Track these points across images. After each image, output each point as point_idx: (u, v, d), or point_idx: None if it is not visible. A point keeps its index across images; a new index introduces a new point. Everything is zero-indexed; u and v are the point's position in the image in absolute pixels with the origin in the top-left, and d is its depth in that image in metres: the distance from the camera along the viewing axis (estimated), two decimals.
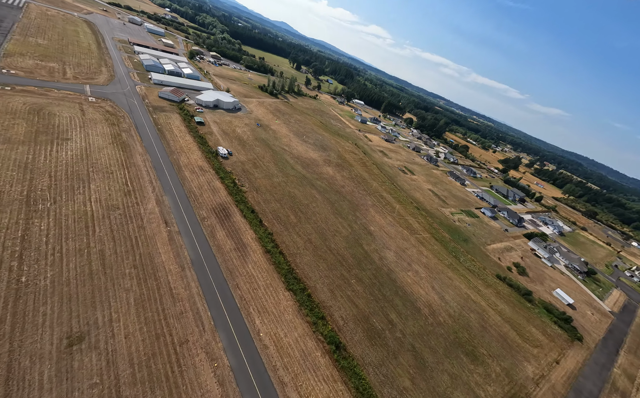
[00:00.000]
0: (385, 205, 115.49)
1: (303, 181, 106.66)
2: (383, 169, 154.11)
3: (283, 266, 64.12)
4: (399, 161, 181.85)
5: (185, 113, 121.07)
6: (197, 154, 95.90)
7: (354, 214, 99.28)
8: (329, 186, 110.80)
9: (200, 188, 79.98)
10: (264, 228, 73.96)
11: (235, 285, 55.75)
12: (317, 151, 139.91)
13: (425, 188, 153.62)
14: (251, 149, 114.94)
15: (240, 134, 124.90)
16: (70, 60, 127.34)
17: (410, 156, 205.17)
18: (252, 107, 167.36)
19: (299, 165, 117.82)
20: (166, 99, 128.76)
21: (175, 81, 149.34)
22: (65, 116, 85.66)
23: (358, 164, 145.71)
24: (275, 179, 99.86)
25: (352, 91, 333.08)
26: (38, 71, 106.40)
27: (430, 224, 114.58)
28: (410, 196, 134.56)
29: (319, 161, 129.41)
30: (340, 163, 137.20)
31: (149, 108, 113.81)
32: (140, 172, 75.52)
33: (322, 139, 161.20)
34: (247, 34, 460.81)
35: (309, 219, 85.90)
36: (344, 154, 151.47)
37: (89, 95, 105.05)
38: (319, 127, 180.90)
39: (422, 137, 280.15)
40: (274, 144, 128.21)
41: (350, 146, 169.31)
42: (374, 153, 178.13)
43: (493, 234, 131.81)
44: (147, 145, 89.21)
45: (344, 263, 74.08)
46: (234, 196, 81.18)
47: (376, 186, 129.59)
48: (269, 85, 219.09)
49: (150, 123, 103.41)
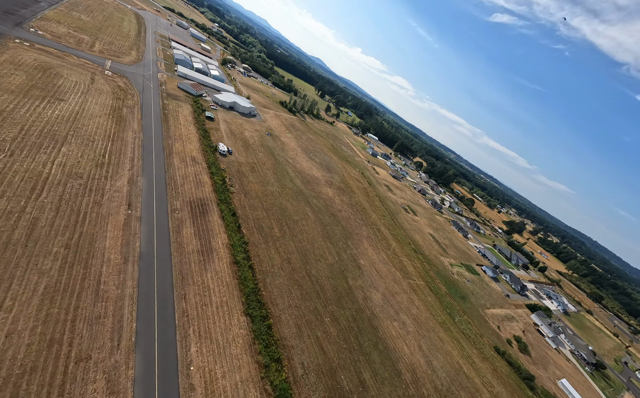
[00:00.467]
0: (381, 240, 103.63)
1: (299, 196, 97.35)
2: (385, 204, 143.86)
3: (248, 284, 52.59)
4: (403, 199, 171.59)
5: (198, 106, 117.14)
6: (195, 145, 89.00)
7: (346, 242, 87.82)
8: (325, 207, 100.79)
9: (184, 177, 71.48)
10: (241, 235, 63.47)
11: (182, 296, 44.36)
12: (321, 171, 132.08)
13: (426, 232, 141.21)
14: (254, 153, 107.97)
15: (248, 137, 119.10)
16: (104, 38, 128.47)
17: (415, 197, 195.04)
18: (268, 117, 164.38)
19: (299, 180, 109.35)
20: (184, 91, 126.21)
21: (198, 77, 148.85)
22: (71, 80, 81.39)
23: (360, 193, 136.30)
24: (270, 188, 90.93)
25: (368, 126, 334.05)
26: (66, 38, 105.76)
27: (427, 272, 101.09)
28: (409, 237, 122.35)
29: (320, 181, 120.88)
30: (342, 188, 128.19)
31: (162, 93, 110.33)
32: (125, 148, 68.07)
33: (329, 160, 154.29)
34: (282, 58, 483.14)
35: (294, 237, 75.05)
36: (348, 179, 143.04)
37: (107, 69, 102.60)
38: (328, 150, 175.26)
39: (430, 182, 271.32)
40: (279, 154, 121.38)
41: (356, 174, 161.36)
42: (379, 185, 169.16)
43: (493, 297, 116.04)
44: (145, 125, 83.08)
45: (321, 295, 61.68)
46: (219, 195, 72.02)
47: (375, 218, 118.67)
48: (290, 102, 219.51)
49: (158, 106, 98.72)
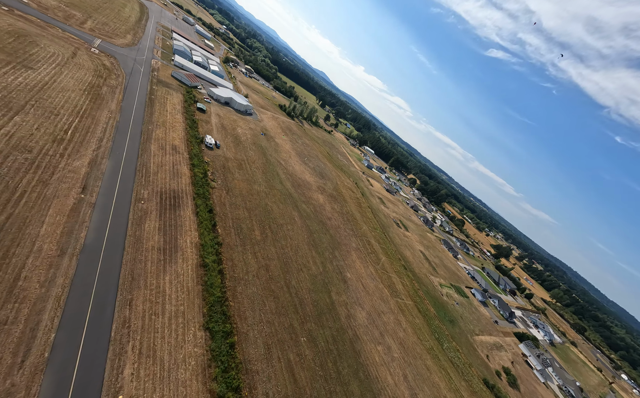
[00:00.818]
0: (371, 253, 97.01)
1: (287, 199, 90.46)
2: (377, 216, 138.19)
3: (215, 291, 44.71)
4: (395, 213, 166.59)
5: (190, 96, 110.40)
6: (179, 133, 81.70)
7: (333, 252, 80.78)
8: (314, 214, 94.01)
9: (159, 166, 63.81)
10: (215, 234, 55.78)
11: (128, 301, 36.24)
12: (314, 176, 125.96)
13: (417, 249, 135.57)
14: (244, 150, 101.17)
15: (240, 134, 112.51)
16: (98, 18, 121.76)
17: (408, 212, 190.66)
18: (265, 117, 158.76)
19: (289, 183, 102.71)
20: (177, 80, 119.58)
21: (195, 69, 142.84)
22: (48, 50, 73.78)
23: (353, 203, 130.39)
24: (256, 187, 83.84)
25: (366, 138, 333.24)
26: (54, 11, 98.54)
27: (416, 291, 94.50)
28: (400, 252, 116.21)
29: (312, 186, 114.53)
30: (334, 195, 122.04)
31: (153, 79, 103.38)
32: (95, 127, 60.32)
33: (323, 167, 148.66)
34: (286, 66, 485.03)
35: (276, 241, 67.64)
36: (341, 188, 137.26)
37: (95, 46, 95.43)
38: (323, 157, 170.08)
39: (422, 200, 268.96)
40: (271, 154, 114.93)
41: (350, 183, 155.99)
42: (372, 197, 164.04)
43: (482, 323, 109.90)
44: (126, 107, 75.60)
45: (299, 310, 54.05)
46: (197, 188, 64.45)
47: (366, 229, 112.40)
48: (289, 106, 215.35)
49: (145, 90, 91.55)
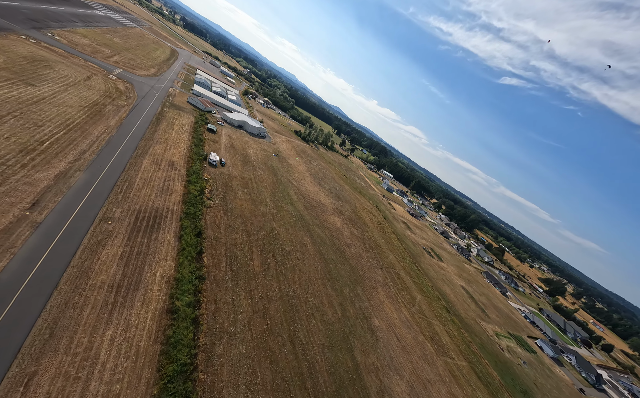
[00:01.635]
0: (402, 290, 77.01)
1: (298, 221, 76.75)
2: (404, 243, 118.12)
3: (179, 355, 29.77)
4: (425, 240, 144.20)
5: (202, 118, 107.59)
6: (180, 150, 74.51)
7: (354, 288, 63.07)
8: (330, 239, 78.45)
9: (147, 181, 54.48)
10: (198, 265, 42.42)
11: (24, 380, 22.53)
12: (329, 198, 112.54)
13: (457, 284, 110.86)
14: (252, 169, 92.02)
15: (250, 154, 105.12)
16: (127, 55, 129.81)
17: (438, 239, 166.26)
18: (278, 140, 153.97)
19: (302, 204, 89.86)
20: (192, 105, 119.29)
21: (212, 97, 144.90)
22: (62, 73, 73.38)
23: (375, 227, 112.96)
24: (262, 207, 71.69)
25: (384, 162, 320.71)
26: (83, 47, 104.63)
27: (467, 345, 70.82)
28: (438, 289, 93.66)
29: (328, 208, 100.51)
30: (353, 219, 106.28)
31: (166, 102, 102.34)
32: (82, 140, 53.71)
33: (340, 189, 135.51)
34: (302, 99, 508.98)
35: (281, 274, 52.50)
36: (360, 211, 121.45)
37: (114, 74, 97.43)
38: (340, 179, 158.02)
39: (451, 225, 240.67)
40: (282, 174, 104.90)
41: (370, 206, 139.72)
42: (396, 222, 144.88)
43: (565, 393, 79.69)
44: (127, 123, 70.76)
45: (308, 383, 36.53)
46: (187, 207, 53.40)
47: (393, 259, 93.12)
48: (304, 131, 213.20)
49: (155, 111, 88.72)
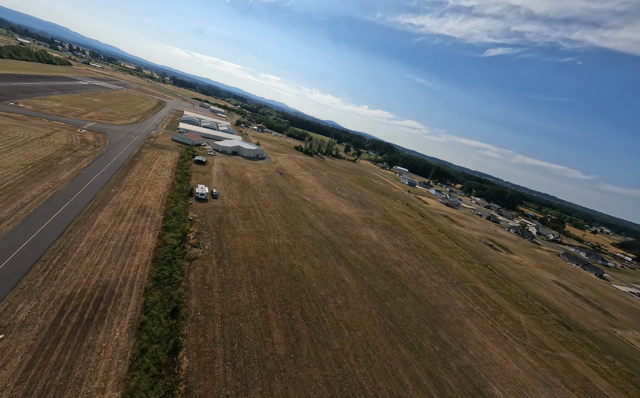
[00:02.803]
0: (496, 314, 53.22)
1: (325, 246, 56.74)
2: (459, 241, 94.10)
3: None
4: (478, 232, 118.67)
5: (188, 152, 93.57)
6: (157, 191, 58.15)
7: (435, 333, 40.77)
8: (372, 261, 57.34)
9: (98, 242, 37.02)
10: (170, 379, 22.76)
11: None
12: (352, 207, 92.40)
13: (547, 279, 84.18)
14: (254, 194, 74.46)
15: (249, 178, 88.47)
16: (106, 110, 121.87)
17: (488, 226, 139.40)
18: (280, 159, 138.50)
19: (323, 222, 70.19)
20: (178, 142, 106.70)
21: (201, 131, 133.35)
22: (12, 135, 61.18)
23: (417, 230, 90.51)
24: (273, 240, 52.60)
25: (396, 157, 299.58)
26: (52, 109, 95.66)
27: (629, 379, 45.04)
28: (532, 294, 68.32)
29: (355, 220, 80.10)
30: (388, 226, 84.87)
31: (146, 144, 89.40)
32: (6, 204, 37.92)
33: (360, 195, 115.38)
34: (296, 119, 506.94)
35: (321, 347, 31.75)
36: (392, 214, 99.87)
37: (85, 128, 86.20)
38: (356, 184, 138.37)
39: (492, 207, 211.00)
40: (291, 193, 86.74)
41: (401, 207, 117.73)
42: (436, 217, 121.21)
43: None
44: (87, 174, 55.80)
45: None
46: (160, 268, 35.01)
47: (459, 268, 69.67)
48: (305, 145, 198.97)
49: (130, 154, 74.83)
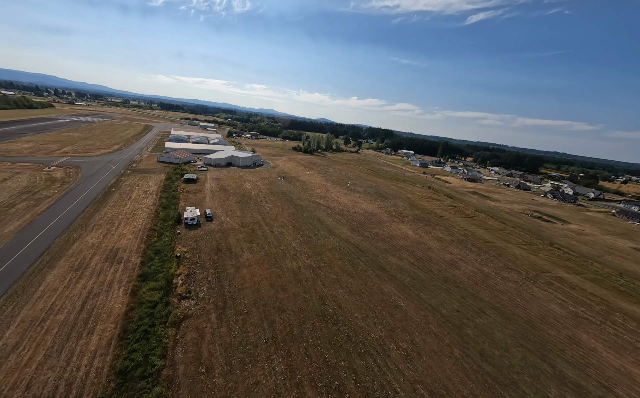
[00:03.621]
0: (606, 312, 39.53)
1: (357, 258, 43.96)
2: (503, 219, 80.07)
3: None
4: (517, 204, 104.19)
5: (176, 172, 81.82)
6: (136, 225, 46.04)
7: (550, 364, 27.42)
8: (421, 266, 44.23)
9: (40, 320, 24.35)
10: None
11: None
12: (373, 201, 79.28)
13: (626, 248, 69.17)
14: (257, 207, 61.99)
15: (249, 189, 76.09)
16: (84, 142, 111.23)
17: (523, 195, 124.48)
18: (279, 162, 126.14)
19: (345, 226, 57.31)
20: (165, 162, 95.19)
21: (190, 147, 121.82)
22: None
23: (453, 215, 76.86)
24: (289, 263, 40.01)
25: (400, 141, 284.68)
26: (20, 151, 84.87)
27: None
28: (624, 271, 54.26)
29: (380, 216, 66.97)
30: (420, 216, 71.49)
31: (127, 171, 77.84)
32: None
33: (376, 186, 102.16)
34: (288, 122, 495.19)
35: None
36: (418, 201, 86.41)
37: (54, 164, 75.00)
38: (367, 174, 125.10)
39: (514, 174, 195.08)
40: (299, 197, 74.05)
41: (423, 191, 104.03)
42: (465, 196, 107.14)
43: None
44: (46, 218, 44.13)
45: None
46: (129, 351, 22.63)
47: (523, 254, 55.91)
48: (303, 144, 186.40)
49: (104, 185, 63.18)
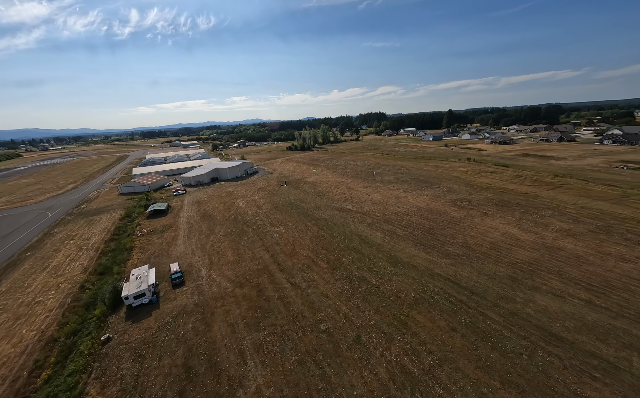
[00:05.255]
0: None
1: (477, 312, 21.18)
2: (601, 180, 57.09)
3: None
4: (590, 158, 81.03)
5: (140, 204, 58.78)
6: (25, 333, 22.79)
7: None
8: (614, 309, 21.61)
9: None
10: None
11: None
12: (417, 191, 56.38)
13: None
14: (258, 237, 38.95)
15: (243, 208, 52.92)
16: (29, 188, 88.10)
17: (580, 148, 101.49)
18: (277, 165, 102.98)
19: (405, 239, 34.37)
20: (128, 194, 71.96)
21: (164, 169, 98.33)
22: None
23: (533, 187, 53.96)
24: (358, 379, 17.19)
25: (401, 119, 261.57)
26: None
27: None
28: None
29: (446, 211, 44.12)
30: (497, 199, 48.70)
31: (67, 218, 54.46)
32: None
33: (405, 170, 79.31)
34: (275, 126, 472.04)
35: None
36: (472, 179, 63.60)
37: None
38: (386, 159, 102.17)
39: (538, 129, 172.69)
40: (317, 206, 50.96)
41: (466, 165, 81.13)
42: (517, 160, 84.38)
43: None
44: None
45: None
46: None
47: None
48: (297, 141, 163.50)
49: (19, 249, 40.06)
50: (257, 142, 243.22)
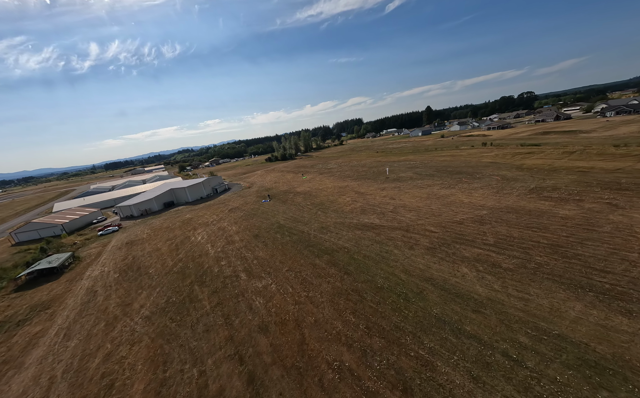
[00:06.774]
0: None
1: None
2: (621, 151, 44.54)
3: None
4: (612, 130, 70.85)
5: (23, 262, 34.94)
6: None
7: None
8: None
9: None
10: None
11: None
12: (466, 185, 39.26)
13: None
14: (220, 314, 18.35)
15: (201, 244, 31.61)
16: None
17: (597, 121, 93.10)
18: (255, 179, 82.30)
19: (570, 296, 16.19)
20: (26, 242, 47.04)
21: (99, 199, 73.11)
22: None
23: (606, 160, 39.38)
24: None
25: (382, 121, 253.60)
26: None
27: None
28: None
29: (556, 213, 26.98)
30: (601, 182, 32.82)
31: None
32: None
33: (421, 164, 62.87)
34: (252, 141, 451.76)
35: None
36: (519, 162, 48.26)
37: None
38: (385, 156, 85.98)
39: (520, 115, 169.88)
40: (323, 226, 31.32)
41: (487, 150, 66.65)
42: (541, 138, 71.82)
43: None
44: None
45: None
46: None
47: None
48: (277, 151, 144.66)
49: None
50: (233, 158, 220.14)
